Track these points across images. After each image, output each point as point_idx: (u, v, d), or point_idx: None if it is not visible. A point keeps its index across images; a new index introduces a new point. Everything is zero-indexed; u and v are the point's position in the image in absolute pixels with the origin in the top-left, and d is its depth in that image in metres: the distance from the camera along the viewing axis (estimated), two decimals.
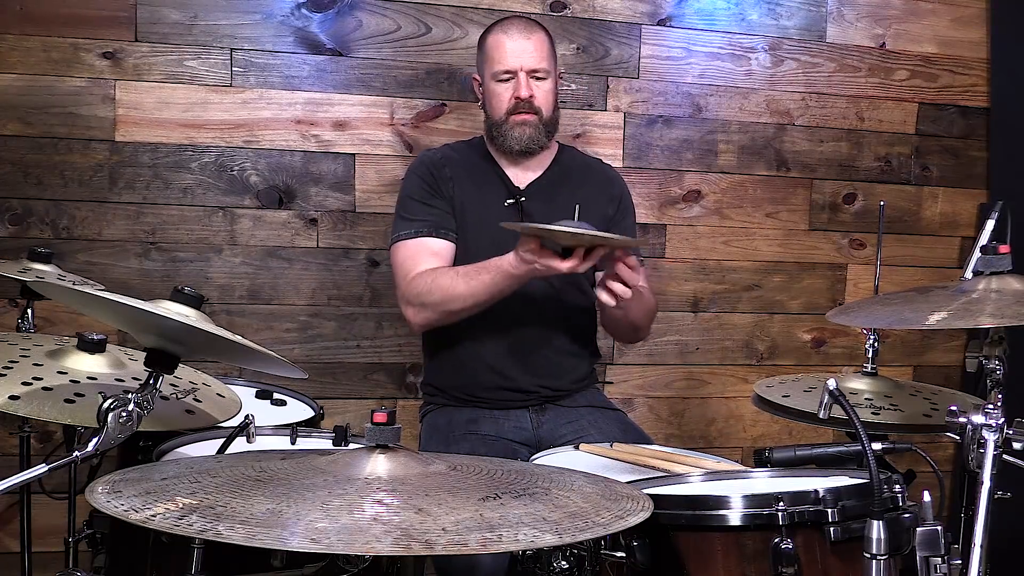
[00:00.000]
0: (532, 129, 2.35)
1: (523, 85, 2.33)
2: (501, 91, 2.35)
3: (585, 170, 2.52)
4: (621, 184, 2.55)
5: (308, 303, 2.80)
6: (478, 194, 2.39)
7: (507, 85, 2.34)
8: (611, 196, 2.49)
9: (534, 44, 2.35)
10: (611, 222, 2.44)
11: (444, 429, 2.36)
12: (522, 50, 2.34)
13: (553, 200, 2.40)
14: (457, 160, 2.45)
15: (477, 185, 2.41)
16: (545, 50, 2.38)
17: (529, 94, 2.33)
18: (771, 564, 1.39)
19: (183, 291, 1.39)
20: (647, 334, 2.55)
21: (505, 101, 2.34)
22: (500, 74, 2.34)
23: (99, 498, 1.16)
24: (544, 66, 2.36)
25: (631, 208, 2.55)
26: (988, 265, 1.68)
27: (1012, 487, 1.79)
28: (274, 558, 1.43)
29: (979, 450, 1.44)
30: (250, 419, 1.68)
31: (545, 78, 2.37)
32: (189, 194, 2.70)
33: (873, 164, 3.20)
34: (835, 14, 3.13)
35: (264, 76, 2.73)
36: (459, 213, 2.38)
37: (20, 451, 2.19)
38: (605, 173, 2.55)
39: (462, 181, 2.41)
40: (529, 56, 2.34)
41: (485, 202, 2.38)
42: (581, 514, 1.18)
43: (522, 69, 2.33)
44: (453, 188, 2.39)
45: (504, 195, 2.39)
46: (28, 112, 2.59)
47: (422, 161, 2.46)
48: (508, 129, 2.36)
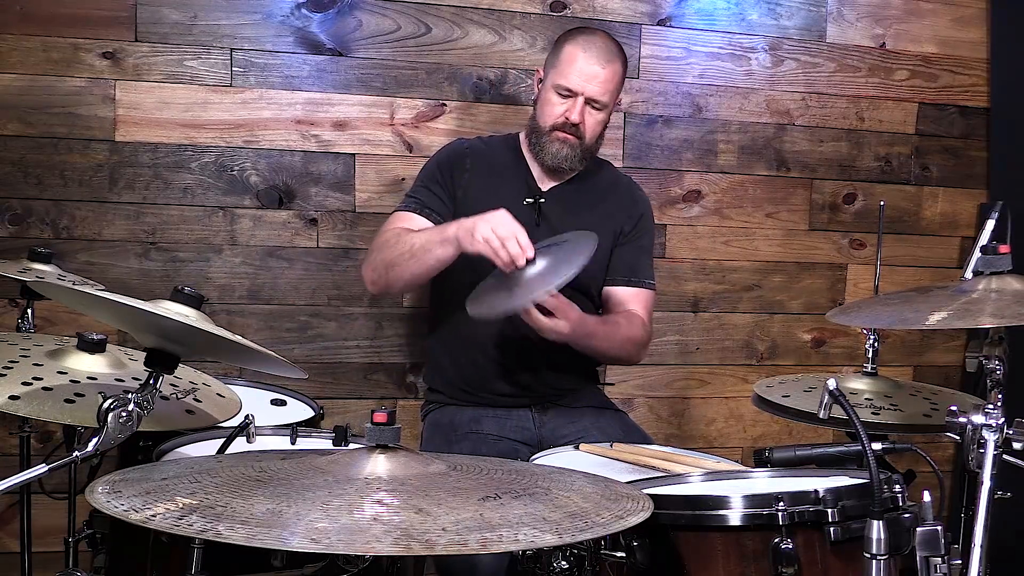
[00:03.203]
0: (570, 150, 2.36)
1: (577, 110, 2.32)
2: (555, 103, 2.34)
3: (612, 187, 2.52)
4: (645, 207, 2.54)
5: (308, 303, 2.80)
6: (495, 189, 2.40)
7: (563, 101, 2.33)
8: (631, 214, 2.48)
9: (607, 75, 2.33)
10: (624, 237, 2.46)
11: (446, 428, 2.36)
12: (592, 76, 2.31)
13: (572, 208, 2.41)
14: (484, 153, 2.47)
15: (498, 181, 2.42)
16: (614, 83, 2.36)
17: (579, 120, 2.32)
18: (771, 564, 1.39)
19: (183, 291, 1.39)
20: (636, 360, 2.54)
21: (555, 115, 2.34)
22: (562, 88, 2.33)
23: (99, 498, 1.16)
24: (605, 100, 2.35)
25: (648, 231, 2.53)
26: (988, 265, 1.68)
27: (1012, 487, 1.78)
28: (274, 558, 1.43)
29: (979, 450, 1.45)
30: (250, 419, 1.68)
31: (601, 110, 2.36)
32: (189, 194, 2.70)
33: (873, 164, 3.20)
34: (835, 14, 3.13)
35: (264, 76, 2.73)
36: (466, 205, 2.37)
37: (20, 451, 2.19)
38: (632, 193, 2.55)
39: (481, 174, 2.42)
40: (596, 85, 2.32)
41: (501, 196, 2.37)
42: (581, 514, 1.18)
43: (583, 94, 2.31)
44: (468, 179, 2.40)
45: (525, 193, 2.40)
46: (28, 112, 2.59)
47: (447, 148, 2.51)
48: (547, 142, 2.36)
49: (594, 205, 2.45)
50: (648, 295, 2.48)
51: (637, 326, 2.40)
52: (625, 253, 2.46)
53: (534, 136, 2.40)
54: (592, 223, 2.41)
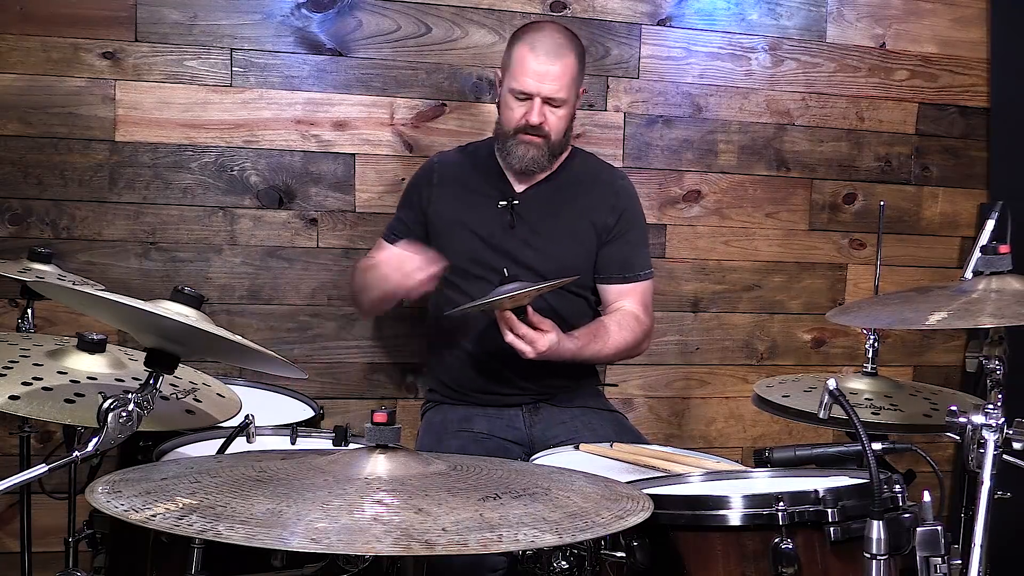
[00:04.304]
0: (536, 151, 2.34)
1: (535, 111, 2.29)
2: (514, 106, 2.32)
3: (592, 179, 2.49)
4: (628, 196, 2.50)
5: (308, 303, 2.80)
6: (464, 197, 2.43)
7: (521, 104, 2.31)
8: (613, 207, 2.45)
9: (559, 70, 2.28)
10: (609, 234, 2.44)
11: (438, 426, 2.37)
12: (544, 75, 2.27)
13: (549, 207, 2.41)
14: (454, 163, 2.49)
15: (467, 189, 2.44)
16: (568, 77, 2.30)
17: (540, 121, 2.30)
18: (771, 564, 1.39)
19: (183, 291, 1.39)
20: (641, 353, 2.54)
21: (515, 118, 2.32)
22: (517, 92, 2.30)
23: (99, 498, 1.16)
24: (563, 95, 2.30)
25: (637, 222, 2.49)
26: (988, 265, 1.68)
27: (1012, 487, 1.79)
28: (274, 558, 1.43)
29: (979, 450, 1.45)
30: (250, 419, 1.68)
31: (561, 106, 2.32)
32: (189, 194, 2.70)
33: (873, 164, 3.20)
34: (835, 14, 3.13)
35: (264, 76, 2.73)
36: (437, 216, 2.43)
37: (20, 451, 2.19)
38: (613, 184, 2.50)
39: (448, 185, 2.45)
40: (550, 83, 2.28)
41: (470, 203, 2.41)
42: (581, 514, 1.18)
43: (539, 94, 2.28)
44: (435, 192, 2.45)
45: (498, 197, 2.40)
46: (28, 112, 2.59)
47: (418, 169, 2.57)
48: (513, 145, 2.35)
49: (572, 201, 2.42)
50: (644, 287, 2.46)
51: (629, 331, 2.39)
52: (614, 251, 2.44)
53: (500, 140, 2.40)
54: (571, 220, 2.41)
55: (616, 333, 2.36)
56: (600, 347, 2.33)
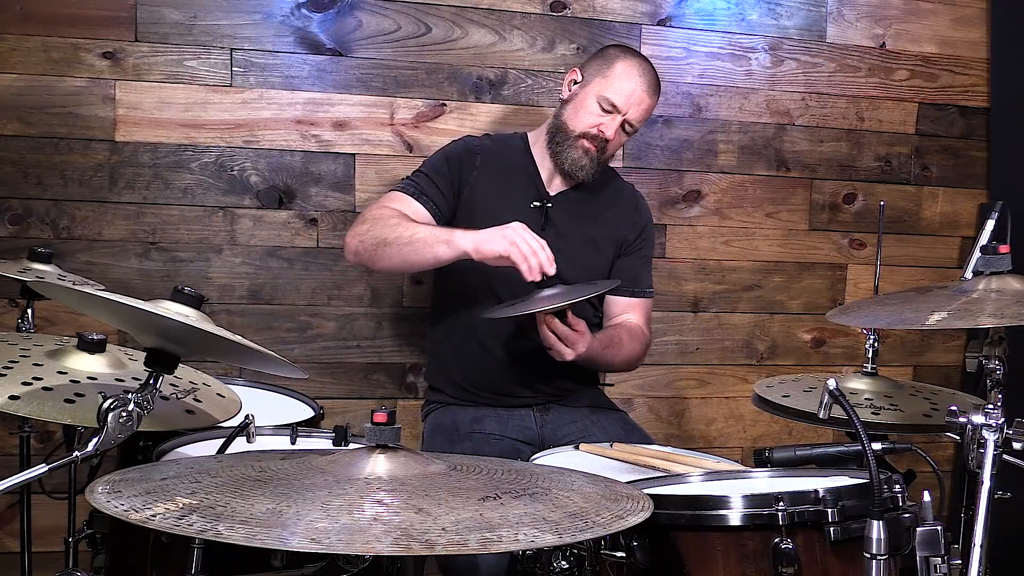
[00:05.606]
0: (589, 161, 2.36)
1: (614, 127, 2.34)
2: (594, 111, 2.34)
3: (615, 193, 2.54)
4: (648, 217, 2.58)
5: (308, 303, 2.80)
6: (502, 190, 2.40)
7: (603, 114, 2.34)
8: (635, 223, 2.51)
9: (650, 105, 2.40)
10: (629, 248, 2.48)
11: (448, 428, 2.36)
12: (639, 102, 2.36)
13: (578, 215, 2.42)
14: (493, 152, 2.46)
15: (505, 181, 2.42)
16: (649, 114, 2.43)
17: (612, 137, 2.34)
18: (771, 564, 1.39)
19: (183, 291, 1.39)
20: (634, 367, 2.57)
21: (589, 123, 2.34)
22: (607, 101, 2.33)
23: (99, 498, 1.16)
24: (638, 127, 2.41)
25: (651, 242, 2.57)
26: (988, 265, 1.68)
27: (1012, 487, 1.78)
28: (274, 558, 1.42)
29: (979, 450, 1.45)
30: (250, 419, 1.68)
31: (630, 134, 2.42)
32: (189, 194, 2.70)
33: (873, 164, 3.20)
34: (835, 14, 3.13)
35: (264, 76, 2.73)
36: (472, 204, 2.38)
37: (20, 451, 2.18)
38: (635, 201, 2.57)
39: (489, 173, 2.42)
40: (638, 110, 2.36)
41: (507, 197, 2.38)
42: (581, 514, 1.18)
43: (624, 114, 2.34)
44: (477, 178, 2.40)
45: (533, 196, 2.40)
46: (28, 112, 2.59)
47: (457, 143, 2.49)
48: (571, 146, 2.36)
49: (599, 213, 2.46)
50: (648, 303, 2.53)
51: (638, 343, 2.43)
52: (628, 264, 2.48)
53: (559, 136, 2.38)
54: (596, 229, 2.43)
55: (628, 343, 2.40)
56: (614, 355, 2.37)
